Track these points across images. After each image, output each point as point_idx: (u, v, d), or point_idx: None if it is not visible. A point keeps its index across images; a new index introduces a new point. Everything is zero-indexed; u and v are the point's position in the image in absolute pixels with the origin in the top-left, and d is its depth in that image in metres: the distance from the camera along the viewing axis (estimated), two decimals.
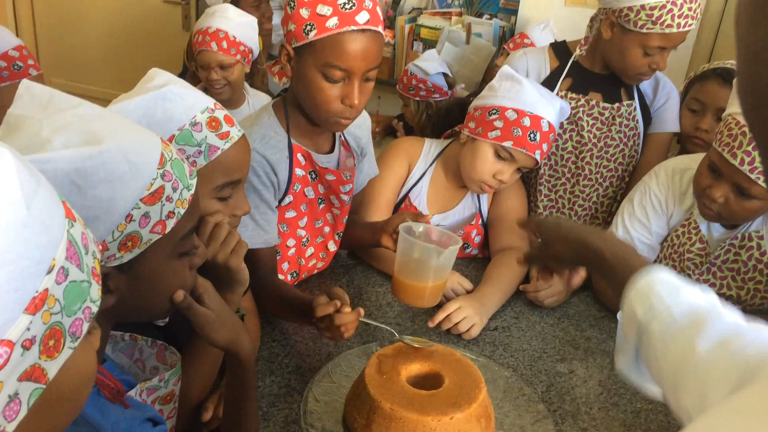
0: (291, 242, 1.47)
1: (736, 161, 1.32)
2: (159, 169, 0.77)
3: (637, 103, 1.80)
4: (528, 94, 1.59)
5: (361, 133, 1.58)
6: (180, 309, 0.91)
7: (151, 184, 0.76)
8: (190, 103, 1.02)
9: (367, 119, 1.61)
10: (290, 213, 1.44)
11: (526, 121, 1.57)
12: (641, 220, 1.60)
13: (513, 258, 1.65)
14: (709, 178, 1.41)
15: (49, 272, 0.52)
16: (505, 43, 2.99)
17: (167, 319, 1.09)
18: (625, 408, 1.29)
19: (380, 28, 1.28)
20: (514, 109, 1.58)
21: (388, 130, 3.14)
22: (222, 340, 0.97)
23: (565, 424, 1.23)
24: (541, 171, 1.85)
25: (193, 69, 2.50)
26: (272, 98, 1.50)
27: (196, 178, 0.85)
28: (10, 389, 0.49)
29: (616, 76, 1.77)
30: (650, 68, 1.68)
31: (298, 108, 1.38)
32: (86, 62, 4.08)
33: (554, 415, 1.25)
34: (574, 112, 1.78)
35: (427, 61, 2.63)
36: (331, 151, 1.48)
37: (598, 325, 1.56)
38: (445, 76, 2.67)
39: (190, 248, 0.87)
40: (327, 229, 1.53)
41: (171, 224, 0.79)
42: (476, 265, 1.76)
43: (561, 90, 1.79)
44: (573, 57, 1.80)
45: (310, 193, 1.46)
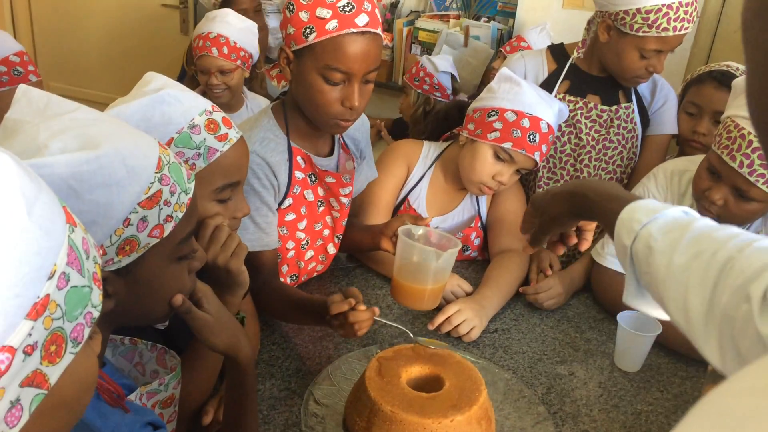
0: (290, 245, 1.47)
1: (735, 164, 1.33)
2: (156, 173, 0.77)
3: (635, 106, 1.80)
4: (527, 95, 1.59)
5: (360, 136, 1.58)
6: (179, 313, 0.91)
7: (149, 188, 0.76)
8: (188, 105, 1.02)
9: (365, 122, 1.61)
10: (290, 216, 1.44)
11: (526, 123, 1.57)
12: None
13: (512, 260, 1.65)
14: (708, 181, 1.41)
15: (51, 278, 0.52)
16: (502, 46, 2.99)
17: (167, 323, 1.09)
18: (626, 409, 1.29)
19: (379, 30, 1.28)
20: (513, 111, 1.58)
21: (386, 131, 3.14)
22: (221, 344, 0.96)
23: (566, 426, 1.23)
24: (540, 173, 1.85)
25: (192, 73, 2.51)
26: (271, 102, 1.50)
27: (194, 181, 0.85)
28: (12, 395, 0.49)
29: (613, 78, 1.77)
30: (647, 71, 1.68)
31: (298, 111, 1.38)
32: (84, 66, 4.08)
33: (554, 417, 1.25)
34: (572, 114, 1.79)
35: (441, 60, 2.64)
36: (331, 153, 1.49)
37: (598, 327, 1.57)
38: (453, 80, 2.68)
39: (189, 252, 0.87)
40: (326, 232, 1.53)
41: (169, 228, 0.79)
42: (475, 267, 1.77)
43: (559, 93, 1.79)
44: (570, 60, 1.81)
45: (310, 196, 1.46)
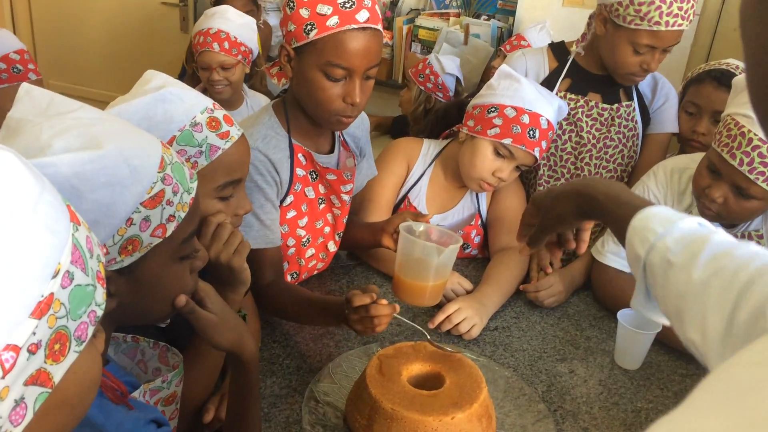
0: (291, 242, 1.47)
1: (735, 161, 1.33)
2: (159, 172, 0.77)
3: (636, 104, 1.80)
4: (527, 92, 1.59)
5: (360, 134, 1.58)
6: (182, 314, 0.91)
7: (152, 188, 0.76)
8: (190, 103, 1.02)
9: (365, 120, 1.61)
10: (291, 213, 1.44)
11: (525, 119, 1.57)
12: None
13: (513, 258, 1.65)
14: (708, 178, 1.42)
15: (55, 276, 0.52)
16: (502, 45, 2.99)
17: (168, 321, 1.09)
18: (626, 407, 1.30)
19: (380, 26, 1.29)
20: (513, 107, 1.58)
21: (385, 129, 3.14)
22: (226, 343, 0.96)
23: (566, 424, 1.24)
24: (540, 171, 1.85)
25: (191, 70, 2.50)
26: (271, 99, 1.50)
27: (197, 181, 0.85)
28: (16, 394, 0.50)
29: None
30: (641, 68, 1.67)
31: (299, 108, 1.38)
32: (84, 64, 4.07)
33: (555, 415, 1.25)
34: (573, 112, 1.79)
35: (449, 61, 2.64)
36: (331, 151, 1.49)
37: (598, 324, 1.57)
38: (458, 83, 2.68)
39: (191, 252, 0.87)
40: (327, 230, 1.53)
41: (171, 228, 0.79)
42: (476, 265, 1.77)
43: (560, 90, 1.79)
44: (571, 56, 1.81)
45: (311, 193, 1.46)
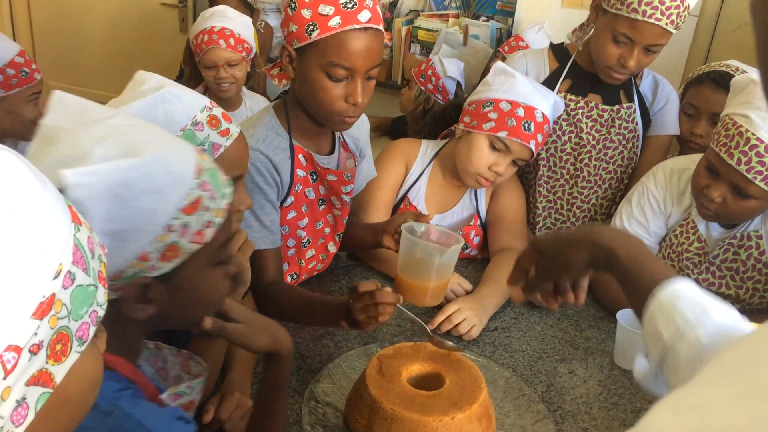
0: (291, 243, 1.47)
1: (733, 161, 1.33)
2: (196, 179, 0.78)
3: (636, 106, 1.80)
4: (521, 86, 1.61)
5: (359, 135, 1.58)
6: (213, 334, 0.93)
7: (190, 194, 0.77)
8: (189, 103, 1.03)
9: (365, 121, 1.61)
10: (291, 214, 1.44)
11: (520, 112, 1.58)
12: (639, 221, 1.60)
13: (512, 258, 1.64)
14: (706, 178, 1.42)
15: (56, 277, 0.52)
16: (500, 46, 3.00)
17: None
18: (625, 407, 1.30)
19: (381, 27, 1.29)
20: (508, 101, 1.59)
21: (384, 130, 3.14)
22: (263, 346, 0.99)
23: (566, 424, 1.24)
24: (540, 172, 1.85)
25: (189, 72, 2.49)
26: (270, 101, 1.50)
27: (232, 186, 0.86)
28: (18, 394, 0.50)
29: None
30: (619, 63, 1.65)
31: (300, 109, 1.39)
32: (84, 65, 4.07)
33: (554, 415, 1.25)
34: (573, 113, 1.79)
35: (452, 64, 2.64)
36: (332, 152, 1.49)
37: (598, 325, 1.57)
38: (458, 87, 2.68)
39: (227, 257, 0.88)
40: (327, 231, 1.53)
41: (209, 234, 0.80)
42: (475, 265, 1.77)
43: (560, 91, 1.79)
44: (572, 57, 1.81)
45: (311, 194, 1.46)
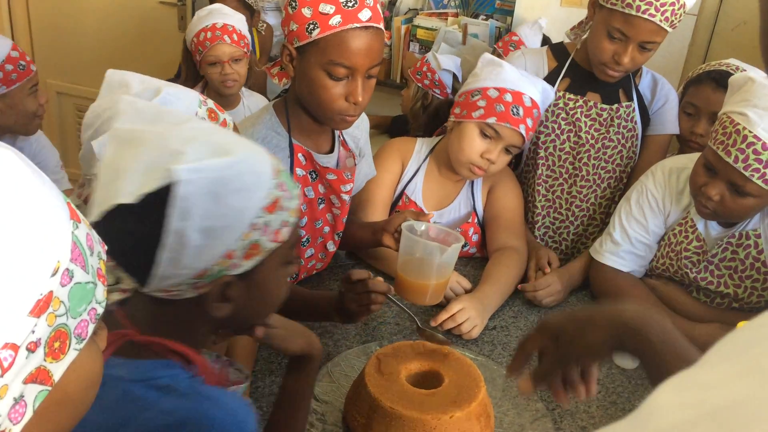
0: None
1: (730, 159, 1.33)
2: (275, 179, 0.79)
3: (635, 105, 1.79)
4: (509, 73, 1.63)
5: (359, 134, 1.58)
6: (261, 342, 0.98)
7: (271, 194, 0.78)
8: (188, 100, 1.05)
9: (365, 120, 1.61)
10: None
11: (508, 97, 1.59)
12: (638, 219, 1.61)
13: (511, 257, 1.66)
14: (704, 176, 1.42)
15: (54, 274, 0.52)
16: (495, 43, 3.01)
17: None
18: (624, 406, 1.30)
19: (382, 26, 1.29)
20: (495, 88, 1.61)
21: (383, 129, 3.15)
22: (298, 348, 1.02)
23: (564, 423, 1.24)
24: (539, 171, 1.85)
25: (187, 71, 2.47)
26: (269, 100, 1.51)
27: (299, 187, 0.88)
28: (15, 392, 0.50)
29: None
30: (613, 59, 1.64)
31: (300, 107, 1.39)
32: (82, 64, 4.06)
33: (553, 414, 1.25)
34: (572, 112, 1.79)
35: (446, 58, 2.65)
36: (331, 151, 1.49)
37: None
38: (455, 79, 2.68)
39: (294, 257, 0.89)
40: (327, 229, 1.53)
41: (286, 233, 0.81)
42: (474, 264, 1.77)
43: (559, 90, 1.79)
44: (568, 50, 1.81)
45: (310, 193, 1.46)
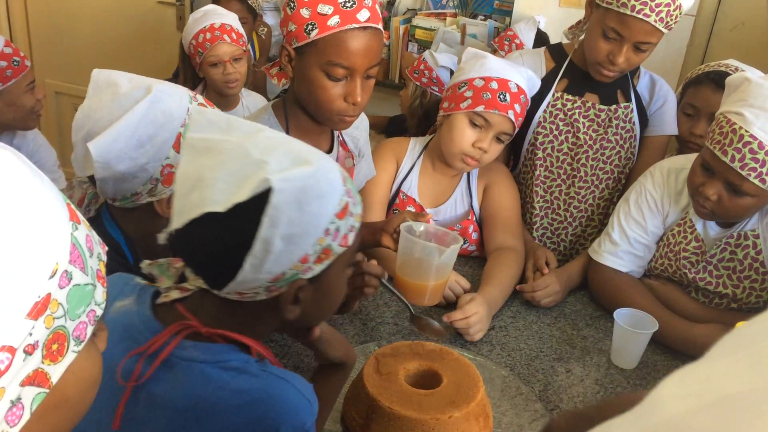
0: None
1: (727, 158, 1.33)
2: (344, 186, 0.82)
3: (633, 105, 1.79)
4: (493, 62, 1.65)
5: (358, 134, 1.58)
6: (313, 343, 1.02)
7: (341, 200, 0.81)
8: (178, 96, 1.05)
9: (364, 120, 1.61)
10: None
11: (494, 85, 1.61)
12: (637, 220, 1.61)
13: (511, 257, 1.66)
14: (702, 176, 1.42)
15: (52, 276, 0.52)
16: (492, 40, 3.02)
17: None
18: None
19: (380, 26, 1.29)
20: (481, 78, 1.63)
21: (380, 129, 3.15)
22: (339, 355, 1.05)
23: None
24: (537, 172, 1.85)
25: (184, 74, 2.43)
26: (269, 100, 1.50)
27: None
28: (12, 394, 0.49)
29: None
30: (608, 59, 1.64)
31: (299, 108, 1.39)
32: (81, 63, 4.05)
33: (552, 414, 1.25)
34: (570, 113, 1.79)
35: (442, 56, 2.65)
36: (330, 151, 1.49)
37: (595, 324, 1.57)
38: (452, 75, 2.68)
39: (354, 261, 0.92)
40: None
41: (352, 238, 0.84)
42: (473, 264, 1.77)
43: (557, 91, 1.79)
44: (566, 51, 1.81)
45: None
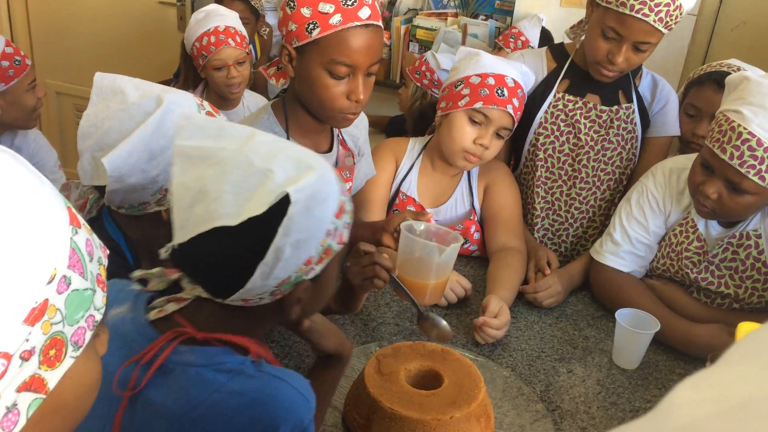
0: None
1: (726, 156, 1.33)
2: (338, 185, 0.84)
3: (635, 106, 1.79)
4: (487, 59, 1.66)
5: (358, 133, 1.58)
6: (303, 333, 1.03)
7: (339, 200, 0.82)
8: (187, 104, 1.05)
9: (364, 119, 1.61)
10: None
11: (490, 81, 1.62)
12: (639, 220, 1.60)
13: (515, 257, 1.67)
14: (701, 175, 1.42)
15: (50, 282, 0.51)
16: (497, 38, 3.01)
17: None
18: (624, 407, 1.30)
19: (381, 23, 1.29)
20: (477, 75, 1.64)
21: (380, 128, 3.15)
22: (332, 346, 1.06)
23: (564, 423, 1.23)
24: (538, 173, 1.84)
25: (184, 76, 2.41)
26: (269, 99, 1.50)
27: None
28: (8, 400, 0.49)
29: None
30: (607, 59, 1.63)
31: (299, 107, 1.38)
32: (81, 64, 4.05)
33: (553, 415, 1.25)
34: (572, 114, 1.78)
35: (445, 58, 2.64)
36: (330, 150, 1.49)
37: (596, 324, 1.57)
38: (448, 75, 2.68)
39: (346, 254, 0.94)
40: None
41: (347, 234, 0.85)
42: (474, 264, 1.76)
43: (558, 92, 1.79)
44: (568, 51, 1.81)
45: None
